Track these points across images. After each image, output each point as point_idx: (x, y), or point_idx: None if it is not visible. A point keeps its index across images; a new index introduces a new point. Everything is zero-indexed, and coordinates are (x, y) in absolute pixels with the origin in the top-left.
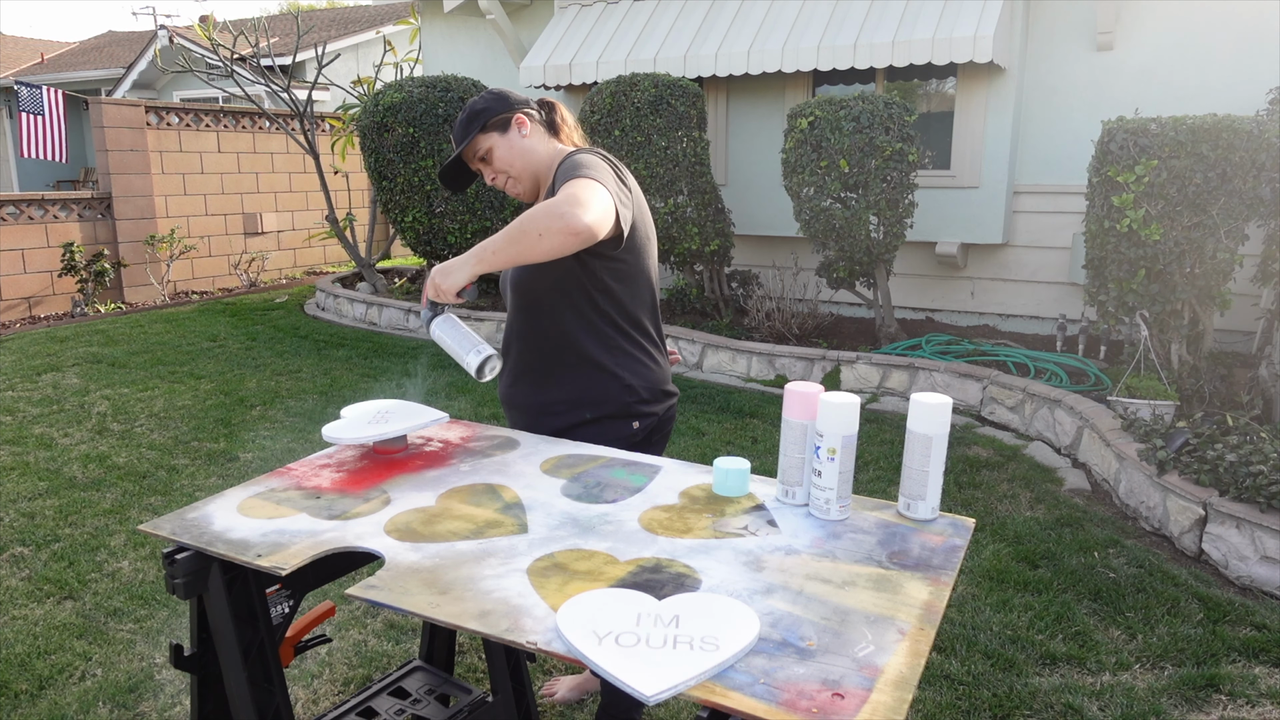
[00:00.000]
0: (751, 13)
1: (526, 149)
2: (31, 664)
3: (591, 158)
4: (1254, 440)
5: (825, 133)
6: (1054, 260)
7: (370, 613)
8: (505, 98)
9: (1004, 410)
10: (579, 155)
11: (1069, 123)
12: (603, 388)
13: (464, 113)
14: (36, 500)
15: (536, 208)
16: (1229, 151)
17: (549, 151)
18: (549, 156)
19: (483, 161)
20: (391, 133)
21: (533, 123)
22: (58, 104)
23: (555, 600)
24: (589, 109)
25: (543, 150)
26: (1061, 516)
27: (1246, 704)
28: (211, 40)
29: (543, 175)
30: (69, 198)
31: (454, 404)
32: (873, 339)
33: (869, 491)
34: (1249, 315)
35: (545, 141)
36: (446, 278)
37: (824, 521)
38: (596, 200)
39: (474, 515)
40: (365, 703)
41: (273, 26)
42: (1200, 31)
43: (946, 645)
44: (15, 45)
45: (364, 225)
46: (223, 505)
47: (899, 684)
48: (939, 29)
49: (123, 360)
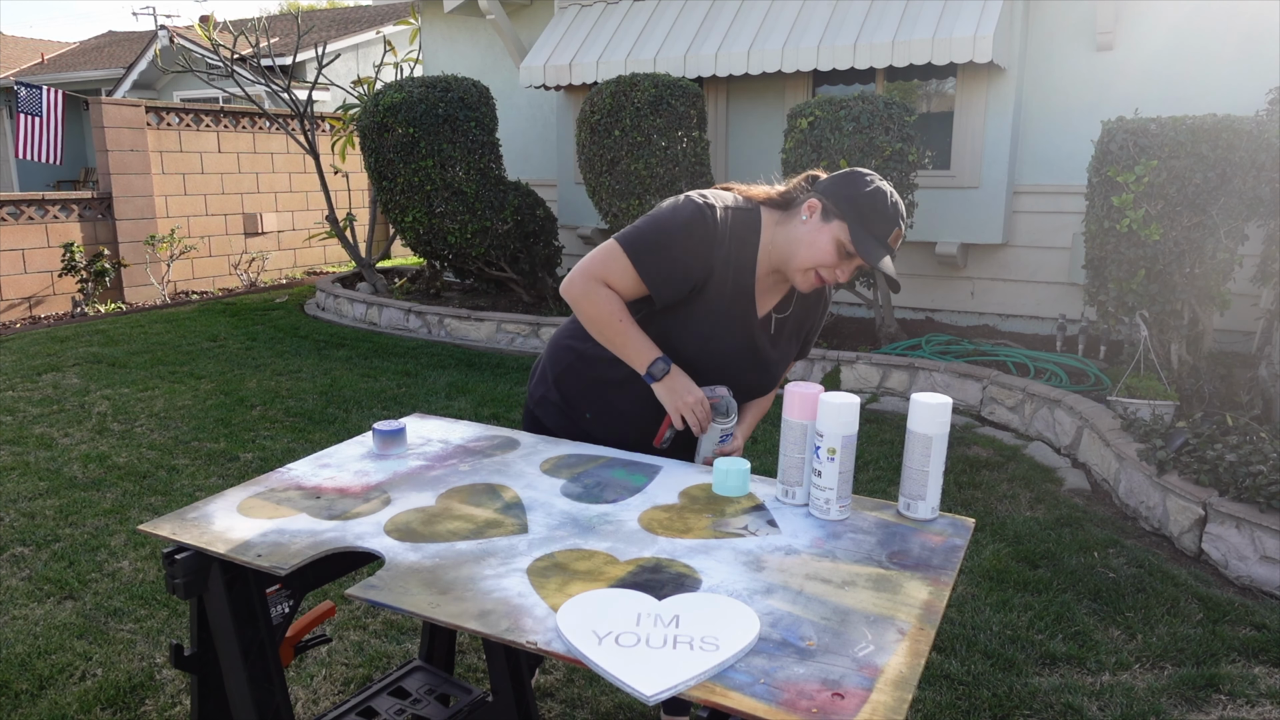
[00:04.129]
0: (751, 13)
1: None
2: (31, 664)
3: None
4: (1254, 440)
5: (825, 133)
6: (1054, 260)
7: (370, 613)
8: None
9: (1004, 410)
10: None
11: (1069, 123)
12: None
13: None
14: (37, 500)
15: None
16: (1229, 151)
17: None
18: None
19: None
20: (391, 133)
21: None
22: (57, 105)
23: (555, 600)
24: (589, 109)
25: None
26: (1061, 516)
27: (1246, 704)
28: (211, 40)
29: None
30: (69, 198)
31: (454, 404)
32: (872, 339)
33: (869, 491)
34: (1249, 315)
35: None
36: (682, 396)
37: (824, 521)
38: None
39: (474, 515)
40: (365, 703)
41: (273, 26)
42: (1200, 31)
43: (946, 645)
44: (15, 45)
45: (364, 225)
46: (223, 505)
47: (899, 684)
48: (939, 29)
49: (123, 360)
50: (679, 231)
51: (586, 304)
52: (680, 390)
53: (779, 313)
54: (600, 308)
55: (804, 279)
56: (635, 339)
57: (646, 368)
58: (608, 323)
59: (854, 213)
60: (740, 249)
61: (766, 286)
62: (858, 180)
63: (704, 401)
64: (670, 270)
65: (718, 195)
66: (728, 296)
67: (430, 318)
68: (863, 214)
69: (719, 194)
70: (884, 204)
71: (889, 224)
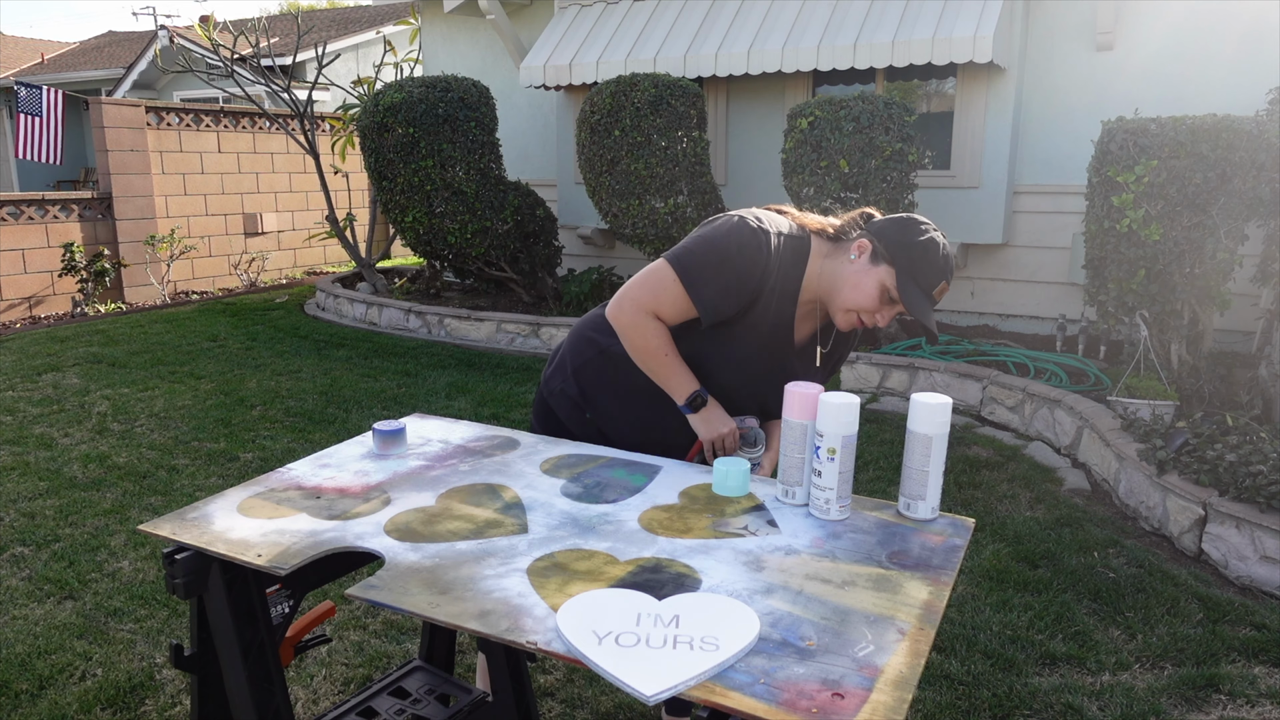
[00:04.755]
0: (751, 13)
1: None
2: (31, 664)
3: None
4: (1254, 440)
5: (825, 133)
6: (1054, 260)
7: (370, 613)
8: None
9: (1004, 410)
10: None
11: (1069, 123)
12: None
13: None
14: (37, 500)
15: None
16: (1229, 151)
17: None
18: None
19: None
20: (391, 133)
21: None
22: (57, 105)
23: (555, 600)
24: (589, 109)
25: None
26: (1061, 516)
27: (1246, 704)
28: (211, 40)
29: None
30: (69, 198)
31: (454, 404)
32: (872, 339)
33: (869, 491)
34: (1249, 315)
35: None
36: (716, 428)
37: (824, 521)
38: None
39: (474, 515)
40: (365, 703)
41: (273, 26)
42: (1200, 31)
43: (946, 645)
44: (15, 45)
45: (364, 225)
46: (223, 505)
47: (899, 684)
48: (939, 29)
49: (123, 360)
50: (733, 255)
51: (634, 334)
52: (715, 422)
53: (817, 343)
54: (648, 340)
55: (845, 319)
56: (677, 371)
57: (685, 399)
58: (653, 355)
59: (904, 260)
60: (787, 277)
61: (805, 314)
62: (912, 228)
63: (735, 433)
64: (722, 294)
65: (772, 220)
66: (769, 323)
67: (430, 318)
68: (913, 262)
69: (773, 218)
70: (935, 255)
71: (938, 276)
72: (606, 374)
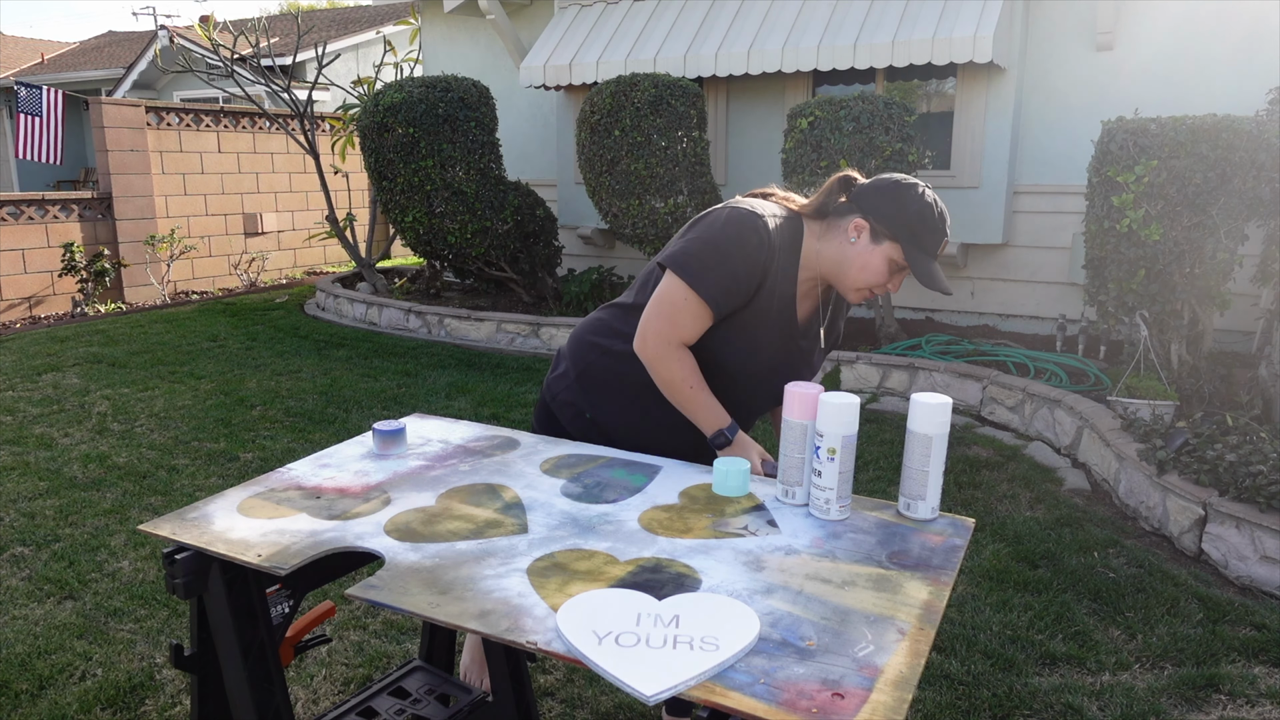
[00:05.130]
0: (751, 13)
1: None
2: (31, 664)
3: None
4: (1254, 440)
5: (825, 133)
6: (1054, 260)
7: (370, 613)
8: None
9: (1004, 410)
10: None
11: (1069, 123)
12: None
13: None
14: (37, 500)
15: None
16: (1229, 151)
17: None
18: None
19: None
20: (391, 133)
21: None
22: (57, 105)
23: (555, 600)
24: (589, 109)
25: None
26: (1061, 516)
27: (1246, 704)
28: (211, 40)
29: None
30: (69, 198)
31: (454, 404)
32: (872, 339)
33: (869, 491)
34: (1249, 315)
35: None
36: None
37: (824, 521)
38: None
39: (474, 515)
40: (365, 703)
41: (273, 26)
42: (1200, 31)
43: (946, 645)
44: (15, 45)
45: (364, 225)
46: (223, 505)
47: (899, 684)
48: (939, 29)
49: (123, 360)
50: (733, 246)
51: (661, 367)
52: (739, 455)
53: (816, 319)
54: (675, 373)
55: (857, 295)
56: (705, 404)
57: (713, 433)
58: (680, 388)
59: (905, 233)
60: (786, 260)
61: (805, 293)
62: (902, 196)
63: (760, 465)
64: (730, 285)
65: (761, 205)
66: (774, 308)
67: (430, 318)
68: (914, 233)
69: (761, 203)
70: (932, 217)
71: (939, 235)
72: (609, 374)
